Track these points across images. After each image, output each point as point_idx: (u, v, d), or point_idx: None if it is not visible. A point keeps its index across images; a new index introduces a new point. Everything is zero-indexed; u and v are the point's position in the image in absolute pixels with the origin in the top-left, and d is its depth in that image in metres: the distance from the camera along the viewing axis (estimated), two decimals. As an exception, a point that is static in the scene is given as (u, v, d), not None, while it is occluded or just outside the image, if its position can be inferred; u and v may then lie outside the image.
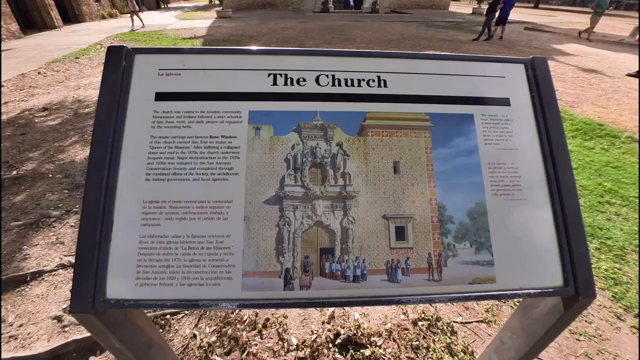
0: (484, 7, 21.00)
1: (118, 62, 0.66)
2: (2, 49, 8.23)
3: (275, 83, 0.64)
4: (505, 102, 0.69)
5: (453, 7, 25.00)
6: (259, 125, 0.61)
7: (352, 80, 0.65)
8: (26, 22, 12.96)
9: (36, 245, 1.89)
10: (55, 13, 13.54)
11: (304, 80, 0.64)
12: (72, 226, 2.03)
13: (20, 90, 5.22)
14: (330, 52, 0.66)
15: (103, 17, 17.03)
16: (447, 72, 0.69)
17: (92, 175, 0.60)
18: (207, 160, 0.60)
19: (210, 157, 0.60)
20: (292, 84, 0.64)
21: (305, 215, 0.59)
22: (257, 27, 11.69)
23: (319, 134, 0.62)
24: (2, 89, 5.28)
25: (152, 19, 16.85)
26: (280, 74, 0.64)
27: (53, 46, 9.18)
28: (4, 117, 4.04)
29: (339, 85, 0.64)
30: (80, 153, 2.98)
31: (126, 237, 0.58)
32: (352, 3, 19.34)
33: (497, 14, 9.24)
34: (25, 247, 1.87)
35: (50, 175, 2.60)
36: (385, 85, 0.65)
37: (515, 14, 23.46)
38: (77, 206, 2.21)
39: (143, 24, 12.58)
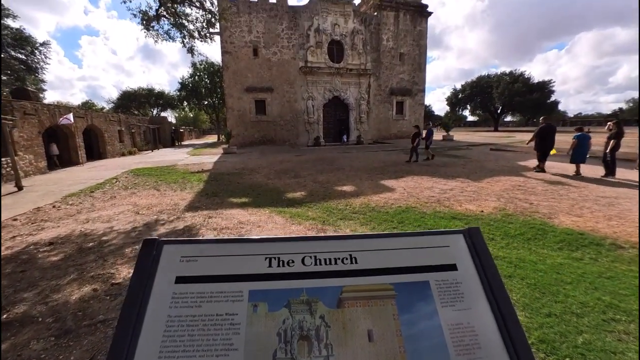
0: (452, 134, 24.86)
1: (150, 252, 0.86)
2: (26, 185, 9.08)
3: (270, 265, 0.83)
4: (453, 267, 0.87)
5: (427, 135, 29.22)
6: (257, 302, 0.76)
7: (329, 259, 0.85)
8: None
9: (3, 412, 1.70)
10: (82, 152, 15.54)
11: (293, 261, 0.83)
12: (48, 384, 1.88)
13: (32, 223, 5.51)
14: (313, 238, 0.88)
15: (123, 154, 19.45)
16: (403, 247, 0.89)
17: (113, 353, 0.71)
18: (212, 337, 0.72)
19: (215, 333, 0.73)
20: (283, 265, 0.83)
21: (294, 389, 0.67)
22: (258, 161, 13.29)
23: (305, 309, 0.76)
24: (15, 222, 5.59)
25: (166, 155, 19.30)
26: (274, 257, 0.84)
27: (73, 180, 10.15)
28: (9, 252, 4.16)
29: (320, 264, 0.83)
30: (76, 293, 2.97)
31: (132, 420, 0.64)
32: (345, 139, 22.81)
33: (416, 143, 11.67)
34: (-10, 415, 1.68)
35: (40, 319, 2.53)
36: (356, 262, 0.85)
37: (479, 137, 27.41)
38: (60, 357, 2.09)
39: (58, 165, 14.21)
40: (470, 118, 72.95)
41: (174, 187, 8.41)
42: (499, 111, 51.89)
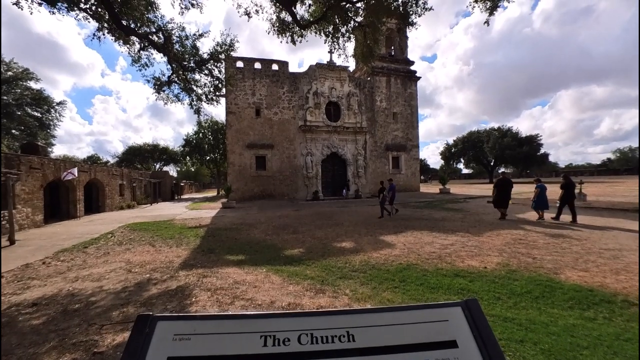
0: (448, 186, 25.29)
1: (143, 328, 0.84)
2: (19, 238, 8.88)
3: (265, 344, 0.80)
4: (453, 344, 0.84)
5: (423, 189, 29.74)
6: (250, 390, 0.73)
7: (326, 337, 0.82)
8: (52, 212, 14.63)
9: None
10: (81, 206, 15.53)
11: (289, 340, 0.81)
12: None
13: (18, 281, 5.27)
14: (309, 313, 0.87)
15: (121, 208, 19.42)
16: (401, 322, 0.88)
17: None
18: None
19: None
20: (279, 344, 0.80)
21: None
22: (257, 216, 13.22)
23: (300, 396, 0.72)
24: (1, 280, 5.32)
25: (164, 209, 19.29)
26: (270, 335, 0.82)
27: (67, 235, 9.96)
28: (-13, 316, 3.90)
29: (317, 342, 0.81)
30: (53, 364, 2.73)
31: None
32: (345, 193, 23.15)
33: (381, 198, 12.15)
34: None
35: (8, 399, 2.29)
36: (353, 340, 0.82)
37: (475, 190, 27.80)
38: None
39: None
40: (465, 170, 74.91)
41: (169, 242, 8.24)
42: (492, 163, 53.55)
